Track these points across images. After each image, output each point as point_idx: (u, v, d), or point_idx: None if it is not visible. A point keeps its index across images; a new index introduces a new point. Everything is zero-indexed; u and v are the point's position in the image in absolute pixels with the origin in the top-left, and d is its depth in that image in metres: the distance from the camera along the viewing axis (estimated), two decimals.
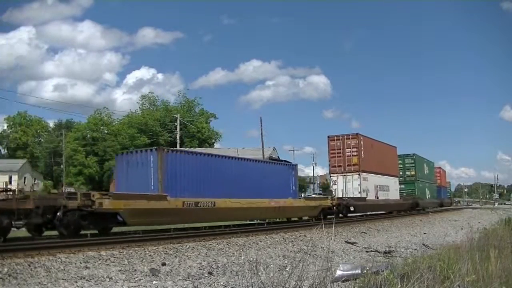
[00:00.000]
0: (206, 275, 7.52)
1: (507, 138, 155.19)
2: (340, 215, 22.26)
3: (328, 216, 21.27)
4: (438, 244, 11.40)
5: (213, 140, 74.22)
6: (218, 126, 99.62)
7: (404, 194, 33.88)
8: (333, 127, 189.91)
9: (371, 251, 11.45)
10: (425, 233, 17.19)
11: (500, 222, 20.68)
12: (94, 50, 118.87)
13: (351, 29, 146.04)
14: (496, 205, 75.11)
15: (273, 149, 66.90)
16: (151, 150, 14.58)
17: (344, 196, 23.96)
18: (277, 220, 20.52)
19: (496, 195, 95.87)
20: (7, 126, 75.80)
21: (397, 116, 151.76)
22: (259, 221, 18.96)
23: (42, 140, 73.04)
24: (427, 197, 39.22)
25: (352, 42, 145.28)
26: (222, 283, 6.80)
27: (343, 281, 6.52)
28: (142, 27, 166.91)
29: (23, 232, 11.53)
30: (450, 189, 71.74)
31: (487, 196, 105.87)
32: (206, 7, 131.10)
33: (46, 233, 11.68)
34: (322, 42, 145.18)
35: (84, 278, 6.87)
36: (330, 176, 26.16)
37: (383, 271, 5.76)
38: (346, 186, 24.88)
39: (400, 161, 35.39)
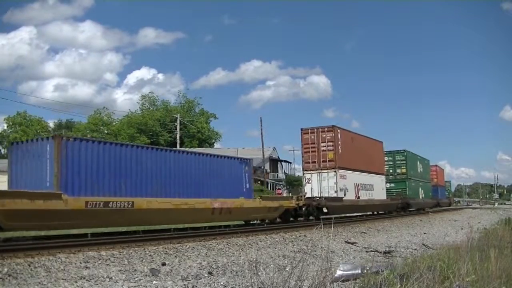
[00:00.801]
0: (206, 275, 7.52)
1: (507, 138, 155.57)
2: (311, 217, 20.31)
3: (299, 219, 20.28)
4: (438, 244, 11.41)
5: (213, 140, 74.33)
6: (218, 126, 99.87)
7: (395, 194, 31.53)
8: None
9: (371, 251, 11.45)
10: (425, 233, 17.19)
11: (500, 222, 20.70)
12: (95, 50, 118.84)
13: (352, 29, 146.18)
14: (496, 205, 75.14)
15: (273, 149, 67.01)
16: (47, 138, 12.10)
17: (318, 196, 21.45)
18: (220, 224, 16.56)
19: (496, 195, 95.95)
20: (7, 126, 75.85)
21: (397, 116, 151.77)
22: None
23: None
24: (421, 197, 36.57)
25: (353, 42, 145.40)
26: (222, 283, 6.80)
27: (343, 281, 6.53)
28: (143, 27, 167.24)
29: (24, 232, 11.52)
30: (449, 189, 69.72)
31: (487, 196, 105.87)
32: (207, 7, 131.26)
33: (46, 233, 11.69)
34: (323, 42, 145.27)
35: (84, 278, 6.87)
36: (303, 174, 23.00)
37: (383, 271, 5.77)
38: (321, 184, 21.95)
39: (390, 158, 33.10)
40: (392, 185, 32.06)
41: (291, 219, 20.26)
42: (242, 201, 16.83)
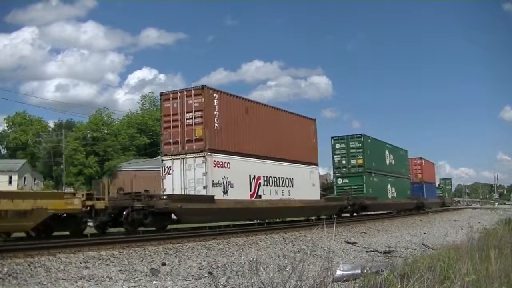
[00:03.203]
0: (206, 275, 7.52)
1: (507, 138, 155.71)
2: (128, 227, 12.76)
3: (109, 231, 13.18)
4: (438, 244, 11.41)
5: None
6: None
7: (349, 192, 24.63)
8: (334, 127, 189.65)
9: (371, 251, 11.45)
10: (425, 233, 17.19)
11: (500, 222, 20.69)
12: (97, 50, 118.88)
13: (353, 30, 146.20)
14: (496, 205, 74.88)
15: None
16: None
17: (164, 193, 14.53)
18: None
19: (496, 195, 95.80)
20: (7, 126, 75.84)
21: (397, 117, 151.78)
22: (258, 221, 18.73)
23: (42, 140, 73.06)
24: (390, 197, 28.95)
25: (354, 43, 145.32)
26: (222, 283, 6.79)
27: (343, 281, 6.53)
28: (145, 27, 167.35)
29: (24, 233, 11.51)
30: (445, 187, 63.56)
31: (487, 196, 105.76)
32: (210, 8, 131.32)
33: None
34: (324, 43, 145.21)
35: (84, 278, 6.87)
36: (162, 161, 15.62)
37: (383, 271, 5.77)
38: (185, 176, 14.81)
39: (342, 145, 25.80)
40: (346, 180, 25.58)
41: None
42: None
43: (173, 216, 13.81)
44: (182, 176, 14.94)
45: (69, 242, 9.82)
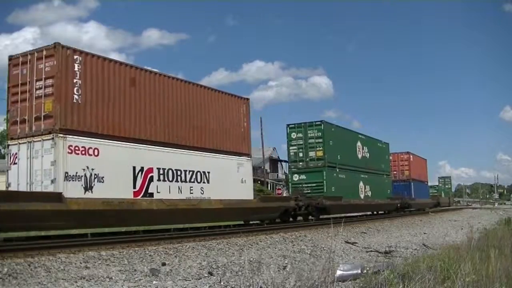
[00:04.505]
0: (206, 275, 7.52)
1: (507, 138, 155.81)
2: None
3: None
4: (438, 244, 11.42)
5: None
6: None
7: (301, 189, 20.67)
8: None
9: (371, 251, 11.44)
10: (425, 233, 17.18)
11: (500, 222, 20.70)
12: (98, 50, 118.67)
13: (354, 30, 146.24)
14: (496, 205, 74.95)
15: (273, 149, 66.97)
16: None
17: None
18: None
19: (496, 195, 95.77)
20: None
21: (398, 117, 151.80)
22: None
23: None
24: (363, 196, 24.38)
25: (355, 44, 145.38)
26: (222, 283, 6.79)
27: (343, 281, 6.52)
28: (147, 28, 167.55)
29: (25, 232, 11.51)
30: (444, 186, 61.53)
31: (487, 196, 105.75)
32: (211, 8, 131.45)
33: (46, 233, 11.70)
34: (325, 43, 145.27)
35: (84, 278, 6.87)
36: (8, 146, 11.91)
37: (383, 271, 5.77)
38: (32, 166, 11.06)
39: (299, 135, 21.23)
40: (302, 177, 21.07)
41: None
42: None
43: None
44: (29, 167, 11.14)
45: (69, 242, 9.82)
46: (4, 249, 8.38)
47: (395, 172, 32.99)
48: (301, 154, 21.30)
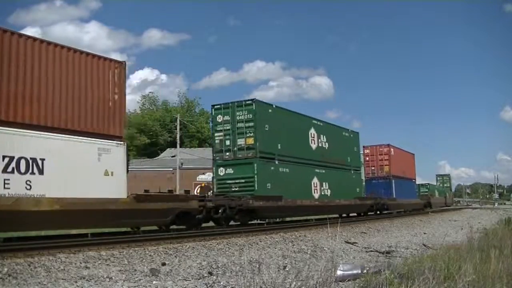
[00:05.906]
0: (206, 275, 7.52)
1: (507, 139, 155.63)
2: None
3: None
4: (438, 244, 11.40)
5: None
6: None
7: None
8: None
9: (371, 251, 11.44)
10: (425, 233, 17.19)
11: (500, 222, 20.69)
12: (99, 51, 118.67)
13: (355, 31, 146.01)
14: (496, 205, 75.01)
15: None
16: None
17: None
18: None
19: (496, 195, 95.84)
20: None
21: (398, 117, 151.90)
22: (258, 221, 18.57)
23: None
24: (318, 195, 19.51)
25: (356, 44, 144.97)
26: (222, 283, 6.79)
27: (343, 281, 6.52)
28: (148, 28, 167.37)
29: (25, 232, 11.52)
30: (441, 185, 59.00)
31: (487, 196, 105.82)
32: (212, 8, 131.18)
33: (46, 233, 11.70)
34: (326, 43, 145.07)
35: (84, 278, 6.87)
36: None
37: (383, 271, 5.76)
38: None
39: (226, 117, 16.76)
40: (229, 171, 16.58)
41: None
42: None
43: None
44: None
45: (69, 242, 9.82)
46: (4, 249, 8.38)
47: (372, 168, 29.07)
48: (228, 142, 16.68)
